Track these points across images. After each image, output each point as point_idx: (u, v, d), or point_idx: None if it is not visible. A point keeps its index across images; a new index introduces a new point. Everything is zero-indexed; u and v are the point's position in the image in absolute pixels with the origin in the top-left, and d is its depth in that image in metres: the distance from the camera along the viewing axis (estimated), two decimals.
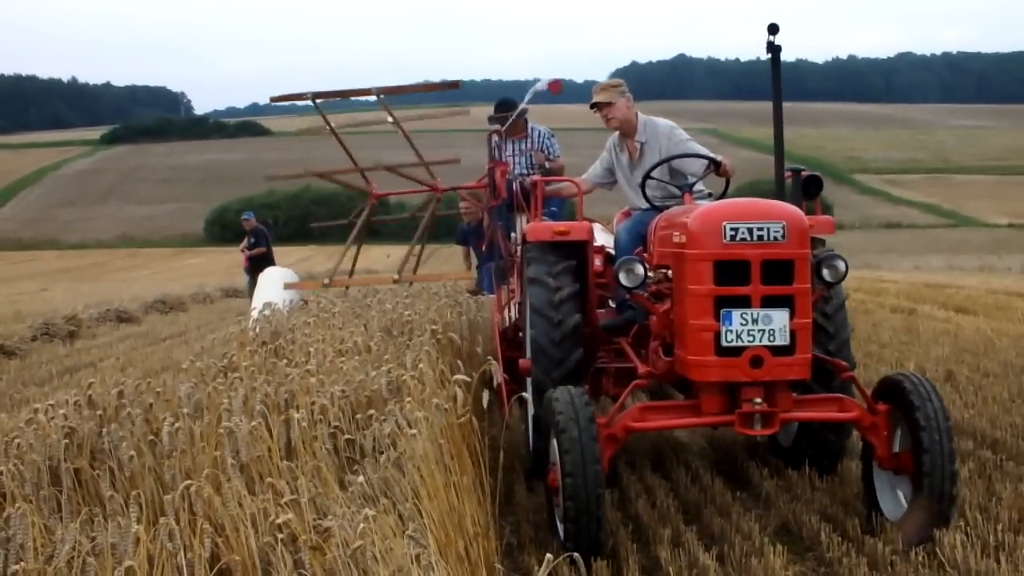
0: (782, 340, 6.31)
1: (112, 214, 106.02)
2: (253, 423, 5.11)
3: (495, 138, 11.08)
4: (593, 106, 8.53)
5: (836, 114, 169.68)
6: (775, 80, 7.98)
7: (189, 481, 4.29)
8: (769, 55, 7.86)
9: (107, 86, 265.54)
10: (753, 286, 6.27)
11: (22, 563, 3.88)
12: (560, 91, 10.55)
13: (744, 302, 6.29)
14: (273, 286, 15.47)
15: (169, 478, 4.72)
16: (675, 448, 9.38)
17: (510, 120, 10.95)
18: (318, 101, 15.37)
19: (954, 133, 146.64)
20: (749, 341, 6.28)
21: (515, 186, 10.33)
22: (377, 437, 5.31)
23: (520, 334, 9.22)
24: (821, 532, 6.77)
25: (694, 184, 8.01)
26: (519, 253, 9.43)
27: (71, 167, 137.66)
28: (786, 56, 7.88)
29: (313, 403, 5.53)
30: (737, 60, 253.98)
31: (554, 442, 6.37)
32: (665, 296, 7.09)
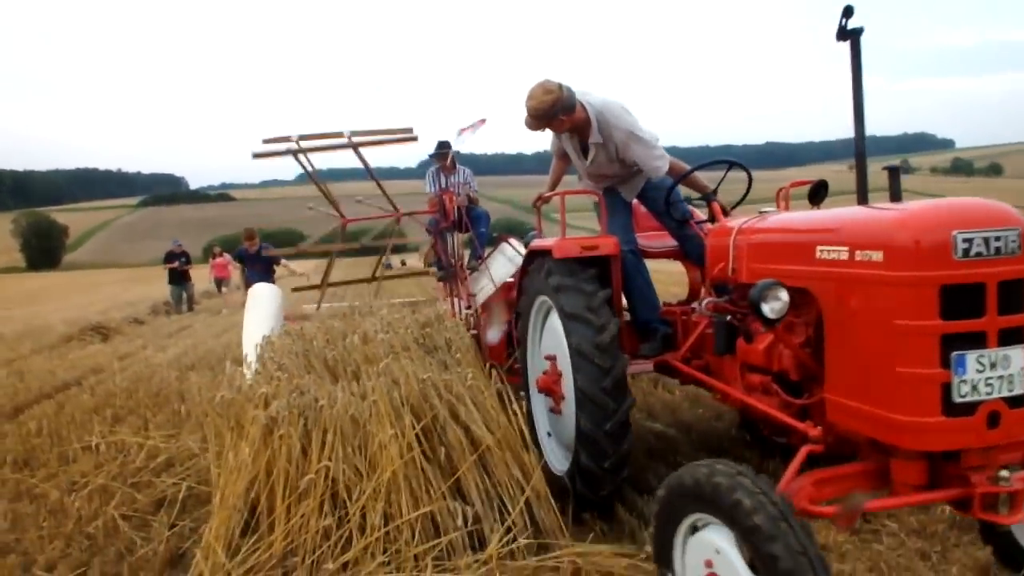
0: (1022, 387, 2.69)
1: (149, 247, 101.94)
2: (384, 335, 5.41)
3: (432, 171, 9.02)
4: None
5: None
6: (855, 67, 3.11)
7: (385, 360, 4.60)
8: (847, 41, 3.08)
9: (139, 173, 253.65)
10: (989, 317, 2.64)
11: (372, 398, 3.99)
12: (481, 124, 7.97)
13: (978, 340, 2.65)
14: (268, 315, 7.13)
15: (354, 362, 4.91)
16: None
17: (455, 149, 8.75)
18: (302, 144, 8.33)
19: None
20: (987, 393, 2.65)
21: (460, 210, 8.03)
22: (439, 340, 5.39)
23: (473, 332, 6.38)
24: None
25: (675, 186, 4.54)
26: (478, 265, 7.65)
27: (122, 220, 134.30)
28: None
29: (400, 328, 5.54)
30: None
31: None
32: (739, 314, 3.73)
